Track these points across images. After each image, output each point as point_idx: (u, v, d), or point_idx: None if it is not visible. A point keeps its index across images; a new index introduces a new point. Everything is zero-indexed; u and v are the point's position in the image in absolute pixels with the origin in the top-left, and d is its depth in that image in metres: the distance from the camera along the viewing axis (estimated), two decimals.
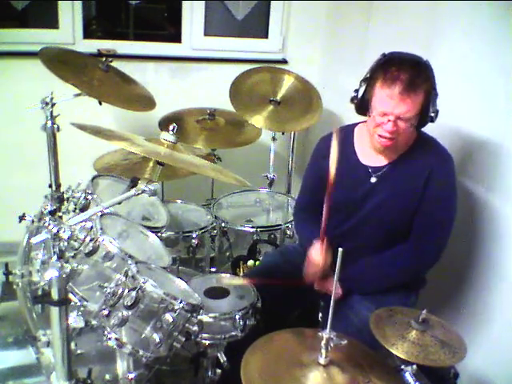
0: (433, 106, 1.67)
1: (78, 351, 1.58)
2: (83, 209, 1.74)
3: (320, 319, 1.99)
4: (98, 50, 3.04)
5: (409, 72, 1.61)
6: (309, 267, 1.84)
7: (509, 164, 1.88)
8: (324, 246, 1.77)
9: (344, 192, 1.88)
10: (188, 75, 3.28)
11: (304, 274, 1.85)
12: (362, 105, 1.75)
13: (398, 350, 1.33)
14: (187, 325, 1.43)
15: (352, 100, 1.78)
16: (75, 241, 1.32)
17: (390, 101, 1.62)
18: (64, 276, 1.21)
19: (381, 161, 1.82)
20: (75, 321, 1.42)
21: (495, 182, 1.95)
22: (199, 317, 1.48)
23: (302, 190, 2.11)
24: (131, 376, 1.50)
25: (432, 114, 1.68)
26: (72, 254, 1.35)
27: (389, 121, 1.65)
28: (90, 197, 1.76)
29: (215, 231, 2.54)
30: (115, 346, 1.38)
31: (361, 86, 1.75)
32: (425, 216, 1.77)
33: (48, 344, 1.64)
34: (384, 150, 1.78)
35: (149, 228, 1.85)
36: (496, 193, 1.95)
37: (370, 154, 1.85)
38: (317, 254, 1.80)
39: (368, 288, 1.84)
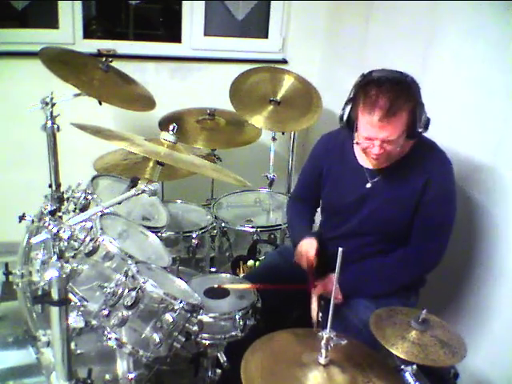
0: (420, 120, 1.64)
1: (78, 351, 1.58)
2: (83, 209, 1.74)
3: (320, 319, 1.98)
4: (98, 50, 3.04)
5: (388, 95, 1.57)
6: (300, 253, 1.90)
7: (507, 167, 1.88)
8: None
9: (342, 193, 1.89)
10: (188, 75, 3.28)
11: (295, 256, 1.91)
12: (349, 124, 1.74)
13: (398, 350, 1.33)
14: (187, 325, 1.43)
15: (340, 120, 1.77)
16: (75, 241, 1.32)
17: (371, 128, 1.61)
18: (64, 276, 1.22)
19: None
20: (75, 321, 1.42)
21: (494, 185, 1.94)
22: (199, 317, 1.48)
23: (298, 182, 2.15)
24: (131, 376, 1.50)
25: (420, 129, 1.65)
26: (72, 254, 1.35)
27: (373, 145, 1.65)
28: (89, 197, 1.76)
29: (215, 231, 2.54)
30: (115, 346, 1.38)
31: (346, 106, 1.73)
32: (424, 220, 1.76)
33: (48, 344, 1.64)
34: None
35: (149, 228, 1.85)
36: (495, 196, 1.94)
37: None
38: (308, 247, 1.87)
39: (369, 294, 1.84)
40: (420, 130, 1.66)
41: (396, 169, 1.79)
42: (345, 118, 1.73)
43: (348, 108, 1.72)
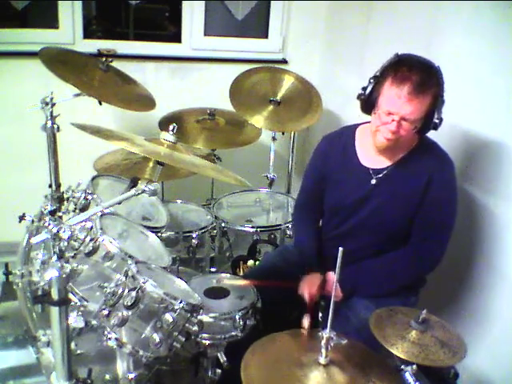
0: (438, 112, 1.66)
1: (78, 351, 1.58)
2: (83, 209, 1.74)
3: (320, 319, 1.98)
4: (98, 50, 3.04)
5: (419, 74, 1.60)
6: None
7: (508, 167, 1.88)
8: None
9: (344, 193, 1.89)
10: (188, 75, 3.28)
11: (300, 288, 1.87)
12: (369, 102, 1.73)
13: (398, 350, 1.33)
14: (187, 325, 1.43)
15: (359, 97, 1.76)
16: (75, 241, 1.32)
17: (397, 100, 1.61)
18: (64, 276, 1.21)
19: (381, 163, 1.82)
20: (75, 321, 1.42)
21: (495, 185, 1.94)
22: (199, 317, 1.48)
23: (301, 189, 2.13)
24: (131, 376, 1.50)
25: (436, 121, 1.66)
26: (72, 254, 1.35)
27: (393, 120, 1.64)
28: (89, 197, 1.76)
29: (215, 231, 2.54)
30: (115, 346, 1.39)
31: (369, 83, 1.73)
32: (425, 220, 1.77)
33: (48, 344, 1.64)
34: (385, 152, 1.78)
35: (149, 228, 1.85)
36: (496, 196, 1.94)
37: (370, 156, 1.84)
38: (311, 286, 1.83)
39: (369, 292, 1.84)
40: (436, 121, 1.66)
41: (398, 168, 1.79)
42: (368, 91, 1.72)
43: (371, 85, 1.72)
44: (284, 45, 3.43)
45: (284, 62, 3.41)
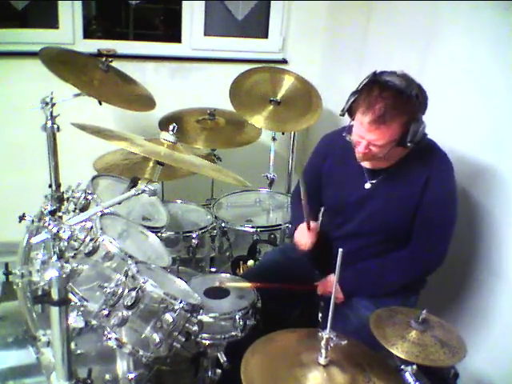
0: (411, 135, 1.60)
1: (78, 351, 1.58)
2: (83, 209, 1.75)
3: (320, 319, 1.98)
4: (98, 50, 3.04)
5: (385, 102, 1.56)
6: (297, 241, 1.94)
7: (508, 169, 1.88)
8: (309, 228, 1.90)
9: (342, 194, 1.90)
10: (188, 75, 3.28)
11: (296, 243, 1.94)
12: (351, 115, 1.73)
13: (398, 350, 1.33)
14: (187, 325, 1.43)
15: (341, 110, 1.76)
16: (75, 241, 1.32)
17: (360, 127, 1.63)
18: (64, 276, 1.22)
19: (380, 164, 1.81)
20: (75, 321, 1.42)
21: (495, 186, 1.95)
22: (199, 317, 1.48)
23: (299, 182, 2.13)
24: (131, 376, 1.50)
25: (408, 144, 1.63)
26: (72, 254, 1.35)
27: (360, 143, 1.66)
28: (90, 197, 1.76)
29: (215, 231, 2.54)
30: (115, 346, 1.38)
31: (350, 99, 1.72)
32: (424, 222, 1.76)
33: (48, 344, 1.64)
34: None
35: (149, 228, 1.85)
36: (496, 197, 1.94)
37: None
38: (301, 234, 1.91)
39: (369, 294, 1.84)
40: (408, 145, 1.64)
41: (396, 169, 1.79)
42: (346, 108, 1.73)
43: (351, 100, 1.71)
44: (284, 45, 3.43)
45: (284, 62, 3.41)
